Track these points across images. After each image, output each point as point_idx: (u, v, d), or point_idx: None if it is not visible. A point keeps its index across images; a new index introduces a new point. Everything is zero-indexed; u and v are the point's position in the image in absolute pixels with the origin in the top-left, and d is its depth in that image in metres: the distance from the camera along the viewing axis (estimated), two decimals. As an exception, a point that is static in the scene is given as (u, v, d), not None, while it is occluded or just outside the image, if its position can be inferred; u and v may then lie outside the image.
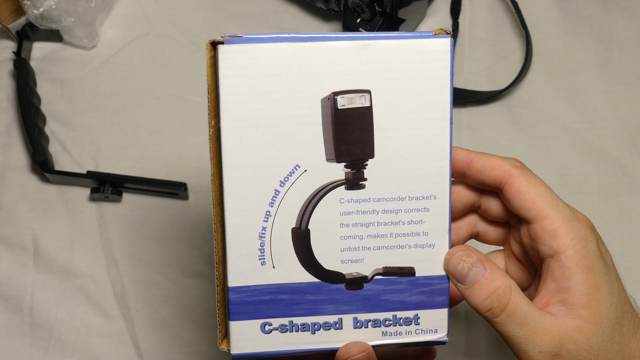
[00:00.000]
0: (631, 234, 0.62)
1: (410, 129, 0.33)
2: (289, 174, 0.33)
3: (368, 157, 0.33)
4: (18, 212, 0.62)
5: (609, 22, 0.69)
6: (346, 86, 0.32)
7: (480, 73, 0.67)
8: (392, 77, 0.32)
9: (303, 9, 0.70)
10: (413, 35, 0.32)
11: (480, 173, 0.35)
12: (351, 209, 0.34)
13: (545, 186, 0.34)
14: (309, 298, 0.34)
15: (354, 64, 0.32)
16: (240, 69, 0.32)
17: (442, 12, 0.69)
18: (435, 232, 0.34)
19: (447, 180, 0.33)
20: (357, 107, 0.32)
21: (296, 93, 0.32)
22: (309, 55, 0.32)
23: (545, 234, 0.33)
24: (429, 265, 0.34)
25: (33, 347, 0.59)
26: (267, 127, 0.33)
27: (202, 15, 0.70)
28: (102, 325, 0.59)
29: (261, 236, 0.34)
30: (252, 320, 0.34)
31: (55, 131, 0.65)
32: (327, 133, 0.33)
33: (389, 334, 0.35)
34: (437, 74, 0.32)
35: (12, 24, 0.66)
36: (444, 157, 0.33)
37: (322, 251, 0.34)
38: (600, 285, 0.33)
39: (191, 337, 0.59)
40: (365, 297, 0.35)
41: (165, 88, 0.67)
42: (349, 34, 0.32)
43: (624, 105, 0.66)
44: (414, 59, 0.32)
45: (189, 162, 0.64)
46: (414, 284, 0.34)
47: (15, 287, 0.60)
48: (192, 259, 0.61)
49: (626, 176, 0.64)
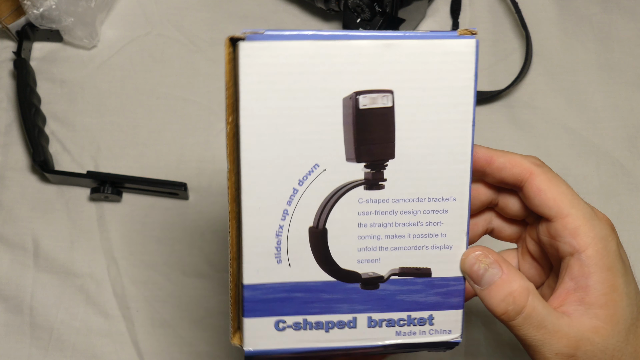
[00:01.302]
0: (631, 234, 0.62)
1: (432, 131, 0.32)
2: (308, 172, 0.33)
3: (388, 158, 0.33)
4: (18, 212, 0.62)
5: (609, 22, 0.69)
6: (369, 86, 0.32)
7: (480, 73, 0.67)
8: (415, 78, 0.32)
9: (303, 9, 0.70)
10: (438, 35, 0.32)
11: (500, 171, 0.35)
12: (369, 209, 0.34)
13: (566, 184, 0.34)
14: (324, 297, 0.34)
15: (377, 63, 0.32)
16: (261, 67, 0.32)
17: (442, 12, 0.69)
18: (453, 233, 0.34)
19: (467, 183, 0.33)
20: (379, 107, 0.32)
21: (317, 92, 0.32)
22: (332, 54, 0.32)
23: (566, 232, 0.33)
24: (446, 266, 0.34)
25: (33, 347, 0.59)
26: (286, 125, 0.32)
27: (202, 15, 0.70)
28: (102, 325, 0.59)
29: (278, 234, 0.34)
30: (266, 318, 0.35)
31: (55, 131, 0.65)
32: (347, 132, 0.33)
33: (403, 334, 0.35)
34: (461, 75, 0.32)
35: (12, 24, 0.66)
36: (465, 160, 0.33)
37: (339, 250, 0.34)
38: (619, 286, 0.33)
39: (191, 337, 0.59)
40: (380, 297, 0.35)
41: (165, 88, 0.67)
42: (372, 32, 0.32)
43: (624, 105, 0.66)
44: (438, 59, 0.32)
45: (189, 162, 0.64)
46: (430, 285, 0.34)
47: (15, 287, 0.60)
48: (192, 259, 0.61)
49: (626, 176, 0.64)
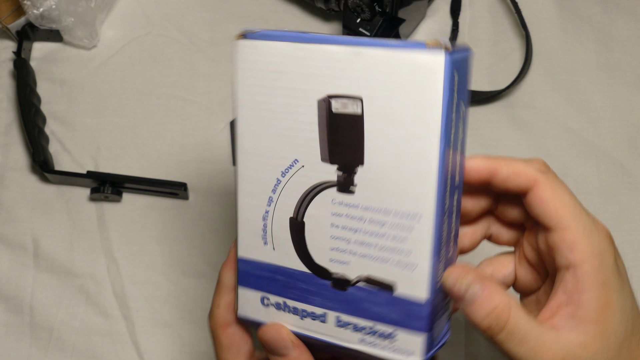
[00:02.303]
0: (631, 234, 0.62)
1: (399, 144, 0.31)
2: (289, 166, 0.34)
3: (358, 164, 0.32)
4: (18, 212, 0.62)
5: (609, 22, 0.69)
6: (340, 90, 0.32)
7: (480, 73, 0.67)
8: (383, 87, 0.31)
9: (303, 9, 0.70)
10: (406, 46, 0.30)
11: (505, 182, 0.34)
12: (341, 212, 0.33)
13: (570, 194, 0.33)
14: (300, 285, 0.35)
15: (348, 69, 0.31)
16: (249, 63, 0.34)
17: (442, 12, 0.69)
18: (417, 253, 0.32)
19: (433, 203, 0.31)
20: (349, 113, 0.32)
21: (296, 91, 0.33)
22: (307, 57, 0.32)
23: (564, 245, 0.32)
24: (409, 285, 0.33)
25: (33, 347, 0.59)
26: (272, 119, 0.34)
27: (202, 15, 0.70)
28: (102, 325, 0.59)
29: (264, 218, 0.35)
30: (254, 291, 0.37)
31: (55, 131, 0.65)
32: (322, 133, 0.33)
33: (366, 342, 0.35)
34: (428, 89, 0.30)
35: (12, 24, 0.66)
36: (430, 180, 0.31)
37: (314, 245, 0.35)
38: (613, 302, 0.32)
39: (191, 337, 0.59)
40: (348, 300, 0.35)
41: (165, 88, 0.67)
42: (345, 38, 0.32)
43: (624, 105, 0.66)
44: (405, 71, 0.30)
45: (189, 162, 0.64)
46: (394, 301, 0.33)
47: (15, 287, 0.60)
48: (192, 259, 0.61)
49: (626, 176, 0.64)
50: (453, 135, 0.31)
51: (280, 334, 0.35)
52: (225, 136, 0.65)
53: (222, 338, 0.38)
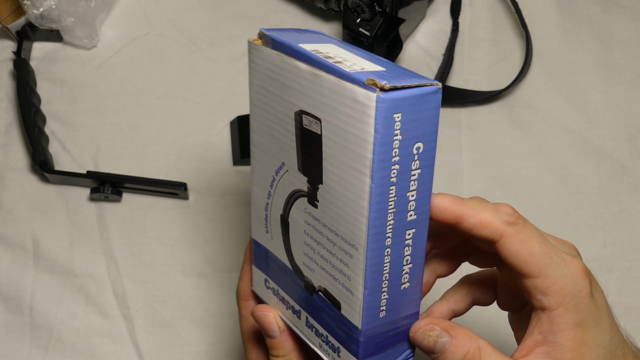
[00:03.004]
0: (631, 234, 0.62)
1: (345, 172, 0.30)
2: (279, 167, 0.35)
3: (318, 182, 0.32)
4: (18, 212, 0.62)
5: (609, 22, 0.69)
6: (307, 108, 0.32)
7: (480, 73, 0.67)
8: (334, 114, 0.30)
9: (303, 9, 0.70)
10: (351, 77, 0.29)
11: (470, 231, 0.33)
12: (310, 222, 0.34)
13: (539, 241, 0.33)
14: (286, 279, 0.37)
15: (312, 89, 0.31)
16: (255, 63, 0.35)
17: (442, 12, 0.69)
18: (353, 281, 0.32)
19: (364, 239, 0.31)
20: (313, 131, 0.31)
21: (281, 99, 0.33)
22: (285, 69, 0.32)
23: (537, 291, 0.33)
24: (349, 309, 0.33)
25: (33, 347, 0.59)
26: (268, 120, 0.35)
27: (202, 15, 0.70)
28: (102, 325, 0.59)
29: (266, 209, 0.37)
30: (260, 272, 0.39)
31: (55, 131, 0.65)
32: (297, 145, 0.33)
33: (323, 349, 0.36)
34: (362, 125, 0.29)
35: (12, 24, 0.66)
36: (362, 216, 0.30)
37: (294, 246, 0.36)
38: (588, 340, 0.33)
39: (191, 337, 0.59)
40: (313, 305, 0.35)
41: (165, 88, 0.67)
42: (318, 56, 0.31)
43: (624, 105, 0.66)
44: (349, 103, 0.29)
45: (189, 162, 0.64)
46: (340, 319, 0.34)
47: (15, 287, 0.60)
48: (192, 259, 0.61)
49: (626, 176, 0.64)
50: (396, 175, 0.30)
51: (268, 317, 0.38)
52: (225, 136, 0.65)
53: (242, 309, 0.41)
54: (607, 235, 0.62)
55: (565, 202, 0.63)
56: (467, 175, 0.64)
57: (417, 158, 0.30)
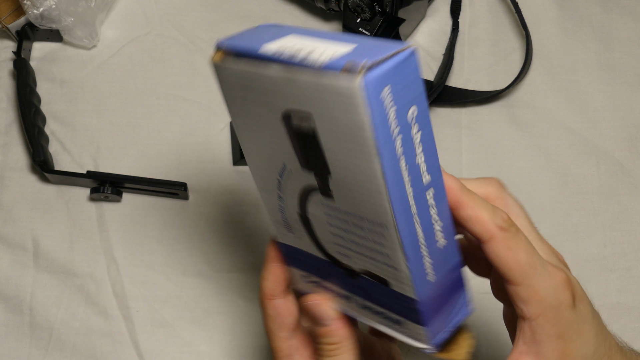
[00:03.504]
0: (631, 234, 0.62)
1: (351, 159, 0.30)
2: (282, 169, 0.34)
3: (326, 174, 0.32)
4: (18, 212, 0.62)
5: (609, 22, 0.69)
6: (294, 107, 0.31)
7: (480, 73, 0.67)
8: (324, 105, 0.29)
9: (303, 9, 0.70)
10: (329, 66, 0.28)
11: (464, 222, 0.34)
12: (330, 213, 0.34)
13: (527, 252, 0.33)
14: (325, 270, 0.37)
15: (292, 91, 0.30)
16: (225, 83, 0.33)
17: (442, 12, 0.69)
18: (395, 258, 0.32)
19: (391, 216, 0.31)
20: (305, 127, 0.31)
21: (264, 104, 0.32)
22: (260, 79, 0.31)
23: (518, 298, 0.33)
24: (398, 284, 0.33)
25: (33, 347, 0.59)
26: (256, 127, 0.33)
27: (202, 15, 0.70)
28: (102, 325, 0.59)
29: (281, 211, 0.36)
30: (297, 269, 0.39)
31: (55, 131, 0.65)
32: (292, 144, 0.33)
33: (385, 325, 0.36)
34: (355, 110, 0.28)
35: (12, 23, 0.66)
36: (381, 195, 0.30)
37: (323, 238, 0.35)
38: (570, 353, 0.33)
39: (191, 337, 0.59)
40: (361, 287, 0.35)
41: (165, 88, 0.67)
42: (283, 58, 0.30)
43: (624, 105, 0.66)
44: (333, 93, 0.28)
45: (189, 162, 0.64)
46: (393, 294, 0.34)
47: (15, 287, 0.60)
48: (192, 259, 0.61)
49: (626, 176, 0.64)
50: (401, 144, 0.30)
51: (321, 305, 0.37)
52: (225, 136, 0.65)
53: (268, 309, 0.39)
54: (607, 235, 0.62)
55: (565, 202, 0.63)
56: (467, 175, 0.64)
57: (415, 122, 0.30)
